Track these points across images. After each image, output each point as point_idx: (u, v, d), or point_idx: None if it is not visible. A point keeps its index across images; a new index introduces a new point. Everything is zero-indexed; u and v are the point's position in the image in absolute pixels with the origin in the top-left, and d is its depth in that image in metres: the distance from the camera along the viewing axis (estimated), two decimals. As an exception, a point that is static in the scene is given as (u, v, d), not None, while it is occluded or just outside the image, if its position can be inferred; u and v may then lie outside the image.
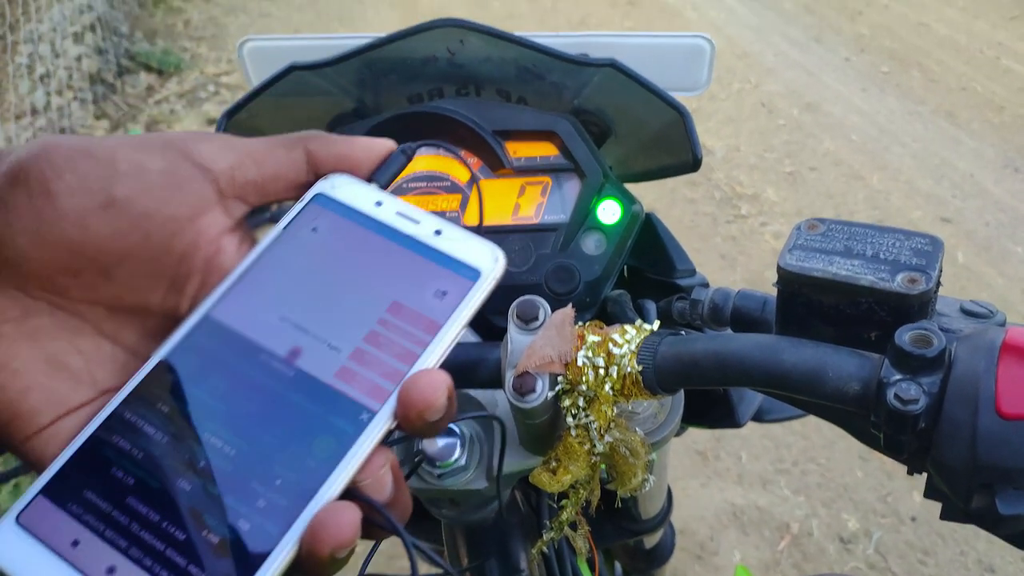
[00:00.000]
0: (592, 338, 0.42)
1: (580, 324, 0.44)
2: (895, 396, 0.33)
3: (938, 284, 0.37)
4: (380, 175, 0.37)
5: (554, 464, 0.45)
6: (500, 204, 0.62)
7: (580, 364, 0.42)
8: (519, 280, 0.59)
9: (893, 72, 3.43)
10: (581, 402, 0.42)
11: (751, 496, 1.80)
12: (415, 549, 0.33)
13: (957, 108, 3.17)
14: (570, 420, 0.43)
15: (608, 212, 0.61)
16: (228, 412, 0.31)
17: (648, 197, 0.65)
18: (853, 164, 2.86)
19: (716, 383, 0.41)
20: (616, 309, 0.61)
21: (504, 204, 0.62)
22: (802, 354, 0.37)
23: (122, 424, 0.31)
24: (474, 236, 0.35)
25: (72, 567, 0.29)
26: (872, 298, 0.37)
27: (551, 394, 0.42)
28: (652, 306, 0.62)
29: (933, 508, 1.73)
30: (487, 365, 0.48)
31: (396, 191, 0.63)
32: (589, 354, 0.42)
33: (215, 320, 0.33)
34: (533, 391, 0.41)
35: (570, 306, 0.44)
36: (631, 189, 0.64)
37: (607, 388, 0.42)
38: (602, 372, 0.41)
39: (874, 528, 1.74)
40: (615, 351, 0.41)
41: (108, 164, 0.32)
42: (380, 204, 0.35)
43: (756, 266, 2.42)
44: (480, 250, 0.34)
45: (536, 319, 0.44)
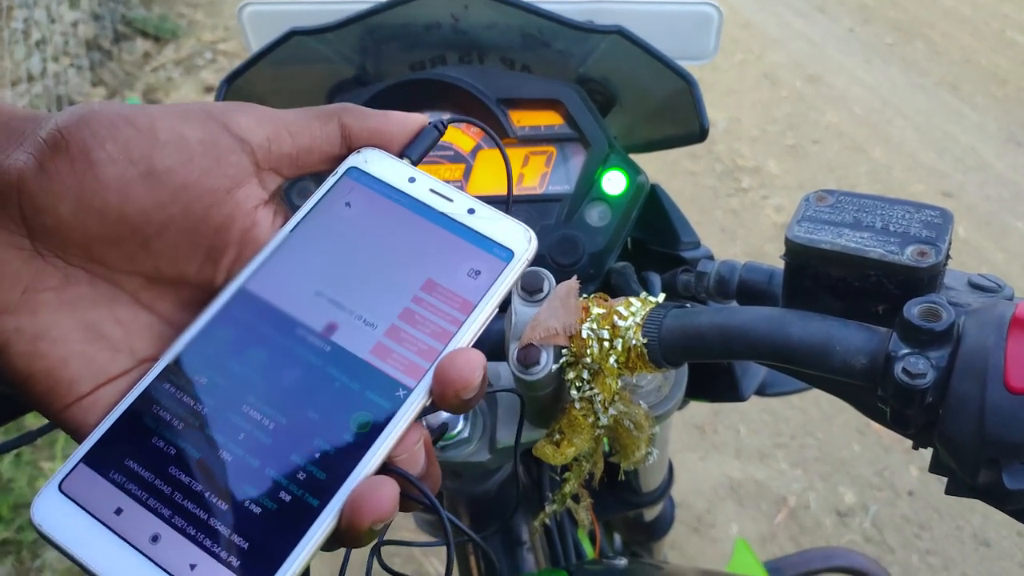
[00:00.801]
0: (597, 310, 0.42)
1: (584, 296, 0.43)
2: (903, 370, 0.33)
3: (947, 257, 0.37)
4: (412, 150, 0.37)
5: (558, 437, 0.45)
6: (504, 174, 0.61)
7: (585, 336, 0.41)
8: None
9: (897, 44, 3.40)
10: (585, 375, 0.42)
11: (749, 470, 1.81)
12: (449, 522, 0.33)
13: (961, 81, 3.15)
14: (574, 393, 0.43)
15: (613, 183, 0.60)
16: (266, 384, 0.31)
17: (649, 169, 0.64)
18: (855, 137, 2.85)
19: (721, 356, 0.40)
20: (620, 281, 0.61)
21: (507, 174, 0.61)
22: (809, 327, 0.37)
23: (162, 394, 0.31)
24: (507, 216, 0.35)
25: (116, 534, 0.29)
26: (881, 271, 0.37)
27: (555, 366, 0.41)
28: (656, 278, 0.62)
29: (930, 483, 1.75)
30: (491, 337, 0.47)
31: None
32: (594, 326, 0.41)
33: (251, 293, 0.33)
34: (537, 363, 0.41)
35: (575, 278, 0.44)
36: (635, 159, 0.63)
37: (611, 361, 0.41)
38: (607, 345, 0.41)
39: (871, 502, 1.75)
40: (620, 323, 0.41)
41: (149, 133, 0.32)
42: (413, 180, 0.35)
43: (756, 240, 2.41)
44: (514, 230, 0.34)
45: (540, 291, 0.43)
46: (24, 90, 2.73)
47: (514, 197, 0.61)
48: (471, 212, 0.35)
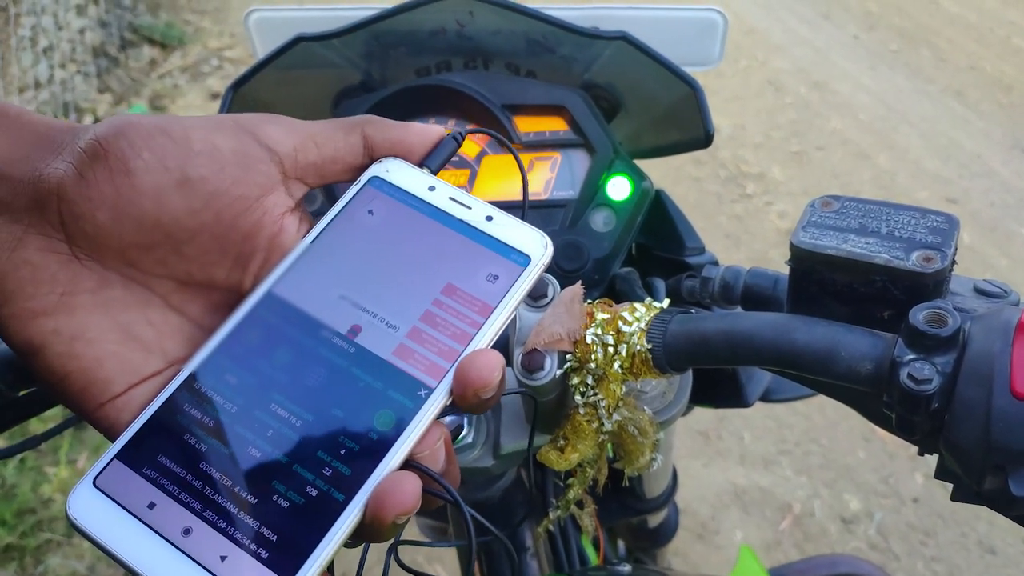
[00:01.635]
0: (601, 316, 0.42)
1: (589, 302, 0.43)
2: (908, 376, 0.33)
3: (953, 263, 0.37)
4: (432, 160, 0.38)
5: (562, 442, 0.45)
6: (508, 180, 0.61)
7: (589, 342, 0.41)
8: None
9: (902, 50, 3.40)
10: (590, 380, 0.42)
11: (753, 476, 1.80)
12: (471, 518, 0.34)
13: (966, 87, 3.14)
14: (578, 398, 0.43)
15: (618, 188, 0.60)
16: (293, 384, 0.32)
17: (653, 175, 0.65)
18: (860, 143, 2.85)
19: (726, 362, 0.40)
20: (625, 287, 0.61)
21: (512, 180, 0.61)
22: (814, 333, 0.37)
23: (192, 393, 0.32)
24: (524, 223, 0.36)
25: (149, 528, 0.30)
26: (886, 276, 0.37)
27: (560, 372, 0.41)
28: (661, 284, 0.62)
29: (935, 489, 1.74)
30: (495, 342, 0.47)
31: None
32: (598, 332, 0.41)
33: (278, 296, 0.34)
34: (542, 369, 0.41)
35: (579, 283, 0.44)
36: (640, 165, 0.63)
37: (616, 366, 0.41)
38: (611, 350, 0.41)
39: (876, 509, 1.74)
40: (624, 329, 0.41)
41: (183, 143, 0.33)
42: (433, 189, 0.37)
43: (761, 245, 2.41)
44: (530, 236, 0.35)
45: (545, 296, 0.43)
46: (31, 96, 2.74)
47: (518, 203, 0.61)
48: (489, 219, 0.36)
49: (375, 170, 0.37)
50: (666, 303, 0.43)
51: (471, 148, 0.62)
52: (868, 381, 0.35)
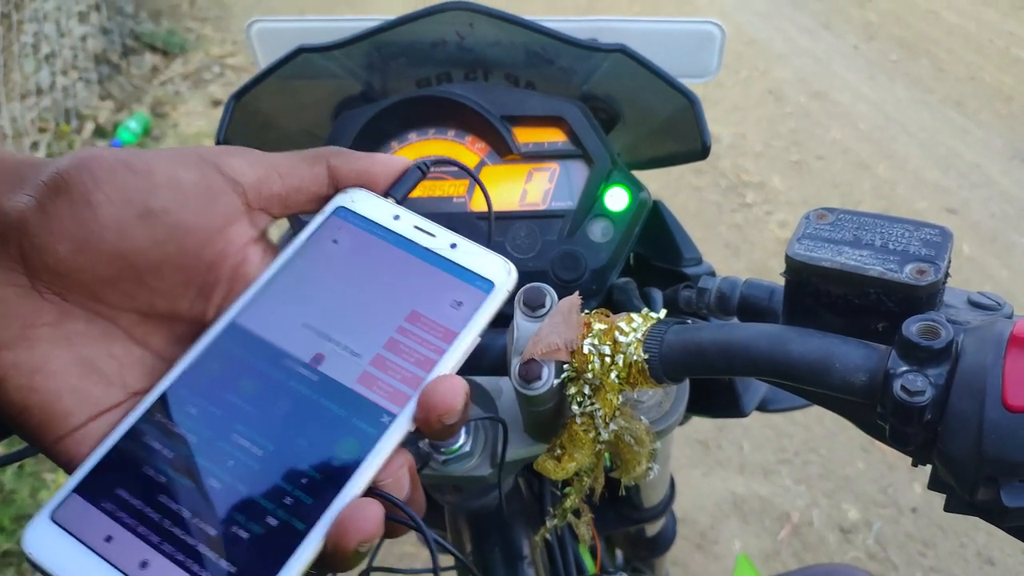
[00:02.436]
0: (598, 326, 0.42)
1: (586, 312, 0.44)
2: (901, 388, 0.33)
3: (946, 275, 0.37)
4: (397, 190, 0.38)
5: (559, 452, 0.45)
6: (507, 190, 0.62)
7: (586, 352, 0.42)
8: (525, 267, 0.59)
9: (902, 60, 3.41)
10: (587, 390, 0.42)
11: (752, 486, 1.80)
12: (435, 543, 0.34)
13: (965, 98, 3.15)
14: (575, 408, 0.43)
15: (615, 199, 0.61)
16: (255, 414, 0.32)
17: (653, 184, 0.65)
18: (860, 153, 2.85)
19: (722, 372, 0.41)
20: (622, 297, 0.61)
21: (511, 190, 0.62)
22: (809, 344, 0.37)
23: (153, 425, 0.32)
24: (487, 250, 0.36)
25: (106, 562, 0.29)
26: (880, 289, 0.37)
27: (557, 382, 0.42)
28: (658, 294, 0.62)
29: (933, 500, 1.74)
30: (493, 352, 0.48)
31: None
32: (595, 342, 0.42)
33: (241, 326, 0.34)
34: (539, 378, 0.41)
35: (577, 293, 0.44)
36: (638, 176, 0.64)
37: (613, 376, 0.41)
38: (608, 360, 0.41)
39: (874, 519, 1.74)
40: (621, 339, 0.41)
41: (146, 176, 0.33)
42: (398, 218, 0.37)
43: (760, 255, 2.41)
44: (494, 263, 0.36)
45: (542, 306, 0.43)
46: (33, 103, 2.75)
47: (517, 213, 0.61)
48: (453, 247, 0.36)
49: (340, 200, 0.37)
50: (663, 313, 0.43)
51: (470, 158, 0.63)
52: (862, 392, 0.35)
